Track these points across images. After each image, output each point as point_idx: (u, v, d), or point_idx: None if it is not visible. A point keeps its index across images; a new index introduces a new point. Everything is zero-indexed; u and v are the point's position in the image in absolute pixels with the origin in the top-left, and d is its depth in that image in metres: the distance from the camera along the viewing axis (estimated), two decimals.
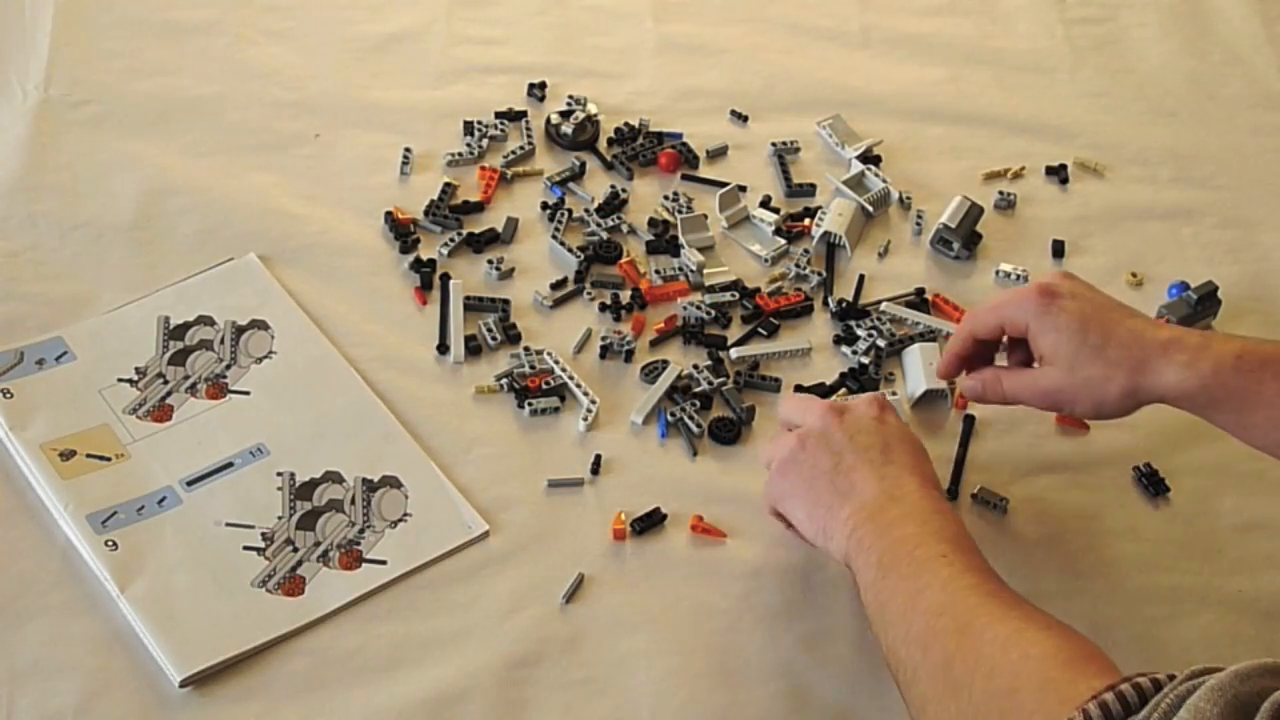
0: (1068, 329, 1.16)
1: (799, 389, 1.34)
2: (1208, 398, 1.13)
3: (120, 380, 1.29)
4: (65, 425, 1.25)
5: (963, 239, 1.46)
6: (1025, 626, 0.98)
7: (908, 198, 1.51)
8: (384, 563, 1.20)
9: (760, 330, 1.39)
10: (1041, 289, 1.18)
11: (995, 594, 1.02)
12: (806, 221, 1.48)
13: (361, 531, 1.22)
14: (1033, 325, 1.18)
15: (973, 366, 1.25)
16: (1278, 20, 1.73)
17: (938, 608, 1.02)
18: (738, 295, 1.41)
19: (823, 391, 1.34)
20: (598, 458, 1.28)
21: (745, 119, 1.57)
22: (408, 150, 1.49)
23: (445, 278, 1.39)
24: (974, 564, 1.06)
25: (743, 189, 1.49)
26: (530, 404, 1.31)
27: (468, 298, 1.37)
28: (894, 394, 1.33)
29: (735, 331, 1.40)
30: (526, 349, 1.35)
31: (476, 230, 1.43)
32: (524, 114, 1.54)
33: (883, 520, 1.10)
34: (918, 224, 1.49)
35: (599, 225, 1.44)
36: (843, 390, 1.35)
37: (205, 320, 1.34)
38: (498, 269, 1.40)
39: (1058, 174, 1.56)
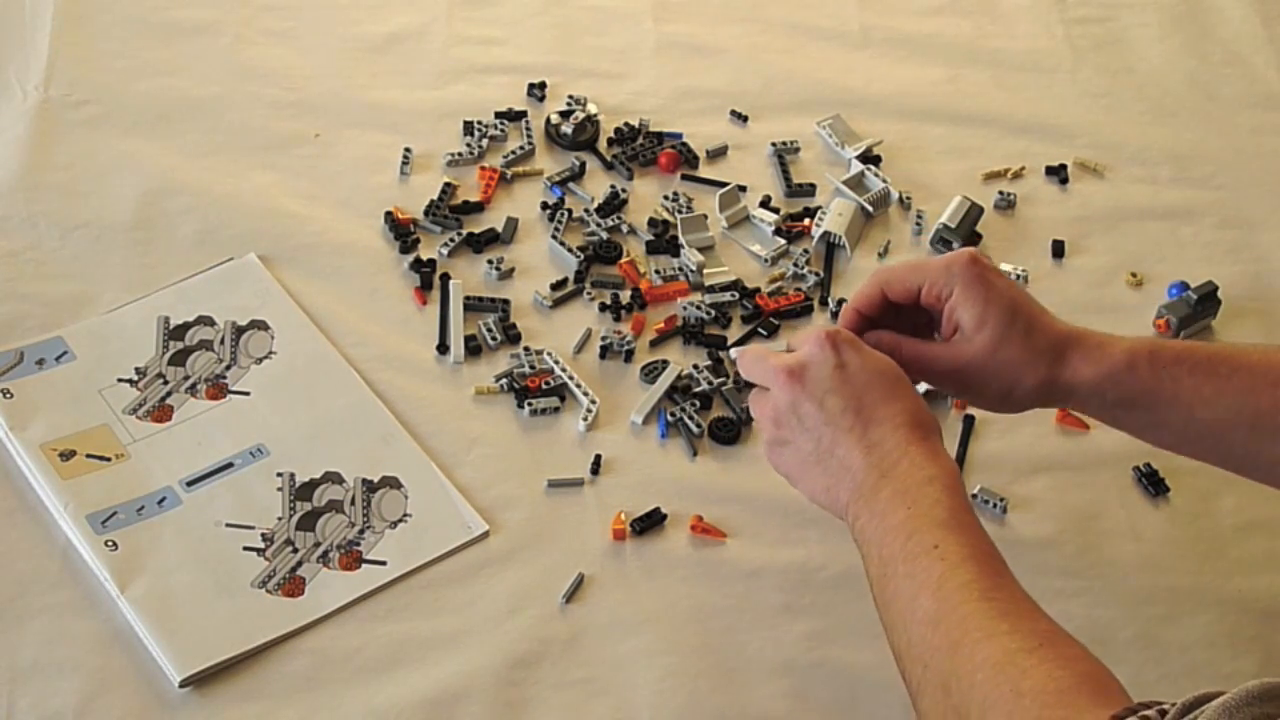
0: (998, 304, 1.09)
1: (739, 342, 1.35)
2: (1120, 394, 1.09)
3: (120, 380, 1.29)
4: (65, 425, 1.25)
5: (963, 239, 1.46)
6: (1016, 649, 0.94)
7: (908, 198, 1.51)
8: (384, 563, 1.20)
9: (760, 330, 1.39)
10: (974, 256, 1.11)
11: (987, 594, 0.98)
12: (806, 221, 1.48)
13: (361, 532, 1.22)
14: (959, 293, 1.10)
15: (862, 331, 1.15)
16: (1278, 20, 1.73)
17: (932, 618, 0.98)
18: (738, 295, 1.41)
19: None
20: (598, 458, 1.28)
21: (745, 119, 1.57)
22: (408, 150, 1.48)
23: (445, 278, 1.39)
24: (966, 551, 1.01)
25: (743, 189, 1.49)
26: (530, 404, 1.31)
27: (468, 298, 1.37)
28: None
29: (735, 331, 1.40)
30: (526, 349, 1.34)
31: (476, 230, 1.43)
32: (524, 114, 1.54)
33: (875, 505, 1.05)
34: (918, 224, 1.49)
35: (599, 225, 1.44)
36: None
37: (205, 320, 1.34)
38: (498, 269, 1.40)
39: (1058, 174, 1.55)
